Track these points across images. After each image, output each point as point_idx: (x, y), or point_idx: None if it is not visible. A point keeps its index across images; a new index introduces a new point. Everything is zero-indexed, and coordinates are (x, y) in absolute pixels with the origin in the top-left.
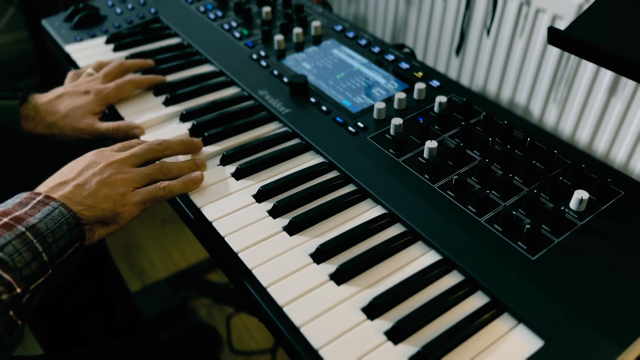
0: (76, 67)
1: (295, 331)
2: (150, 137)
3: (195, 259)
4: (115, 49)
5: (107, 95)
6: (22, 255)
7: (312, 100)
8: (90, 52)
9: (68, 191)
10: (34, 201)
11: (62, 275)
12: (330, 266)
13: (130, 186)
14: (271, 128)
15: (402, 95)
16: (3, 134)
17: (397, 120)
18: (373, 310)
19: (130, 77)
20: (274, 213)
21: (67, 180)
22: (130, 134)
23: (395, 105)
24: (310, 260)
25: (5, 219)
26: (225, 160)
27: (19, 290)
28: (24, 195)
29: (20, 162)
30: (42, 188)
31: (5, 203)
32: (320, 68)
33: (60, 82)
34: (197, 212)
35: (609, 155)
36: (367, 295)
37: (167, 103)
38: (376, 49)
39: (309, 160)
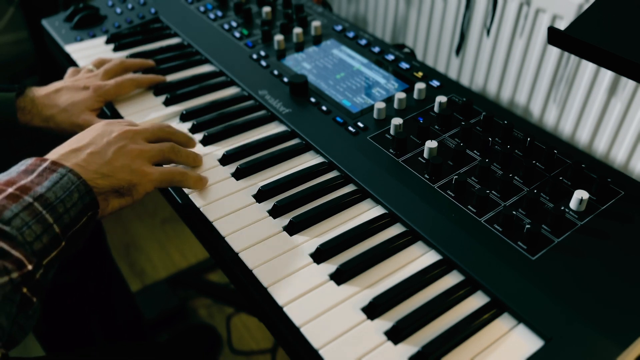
0: (76, 67)
1: (295, 331)
2: None
3: (195, 259)
4: (115, 49)
5: (106, 92)
6: (32, 228)
7: (312, 100)
8: (90, 52)
9: (82, 159)
10: (40, 168)
11: (77, 246)
12: (330, 266)
13: (146, 159)
14: (271, 128)
15: (402, 95)
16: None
17: (397, 120)
18: (373, 310)
19: (130, 75)
20: (274, 213)
21: (79, 147)
22: None
23: (395, 105)
24: (311, 260)
25: (10, 189)
26: (225, 160)
27: (30, 266)
28: (29, 162)
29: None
30: (52, 155)
31: (8, 171)
32: (320, 68)
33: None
34: (197, 212)
35: (609, 155)
36: (367, 295)
37: (167, 103)
38: (376, 49)
39: (309, 160)
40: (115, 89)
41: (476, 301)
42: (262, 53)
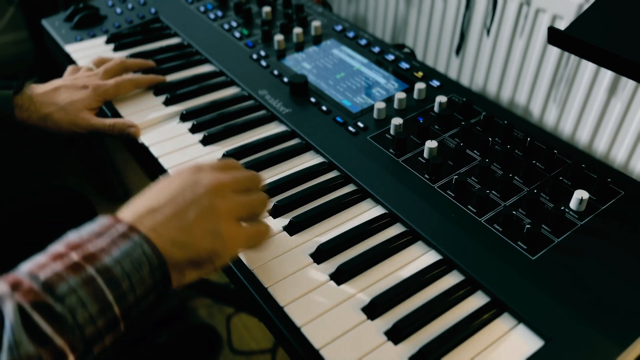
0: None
1: (295, 331)
2: (149, 137)
3: None
4: (116, 49)
5: (105, 92)
6: (87, 308)
7: (312, 100)
8: (90, 52)
9: (158, 222)
10: (114, 232)
11: (138, 329)
12: (330, 266)
13: (233, 218)
14: (271, 128)
15: (402, 95)
16: None
17: (397, 120)
18: (373, 310)
19: (130, 75)
20: (274, 213)
21: (157, 206)
22: (125, 132)
23: (395, 105)
24: (311, 260)
25: (75, 256)
26: None
27: (72, 357)
28: (104, 222)
29: (19, 161)
30: (128, 213)
31: (81, 228)
32: (320, 68)
33: None
34: None
35: (609, 155)
36: (367, 295)
37: (167, 103)
38: (376, 49)
39: (309, 160)
40: (114, 88)
41: (476, 301)
42: (262, 53)
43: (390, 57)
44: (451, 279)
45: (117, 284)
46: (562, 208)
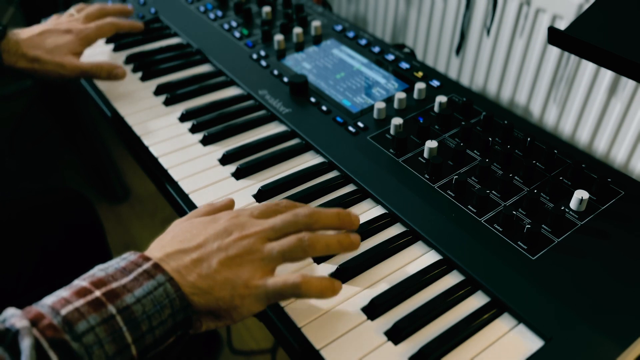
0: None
1: (296, 331)
2: (149, 137)
3: None
4: (115, 49)
5: (87, 36)
6: (104, 348)
7: (312, 100)
8: (90, 52)
9: (183, 265)
10: (139, 270)
11: None
12: (330, 266)
13: (258, 270)
14: (271, 128)
15: (402, 95)
16: None
17: (397, 120)
18: (373, 310)
19: (110, 19)
20: None
21: (187, 248)
22: (113, 74)
23: (396, 105)
24: (311, 260)
25: (97, 292)
26: (225, 160)
27: None
28: (131, 258)
29: (19, 161)
30: (156, 250)
31: (108, 263)
32: (320, 68)
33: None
34: None
35: (609, 155)
36: (368, 295)
37: (167, 103)
38: (376, 49)
39: (309, 160)
40: (96, 32)
41: (476, 301)
42: (262, 53)
43: (390, 57)
44: (451, 279)
45: (137, 325)
46: (562, 208)
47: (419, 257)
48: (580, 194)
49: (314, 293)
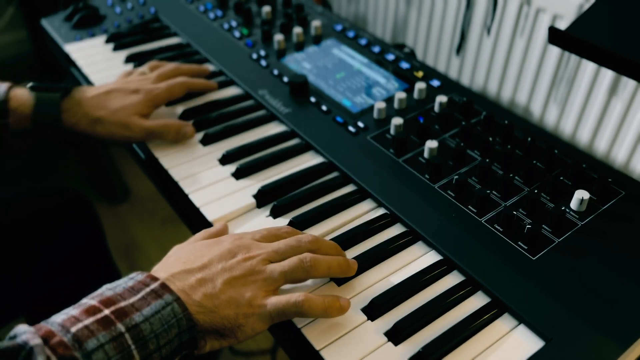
0: (75, 66)
1: (296, 332)
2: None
3: None
4: (115, 49)
5: (157, 96)
6: None
7: (312, 100)
8: (89, 52)
9: (189, 284)
10: (147, 289)
11: None
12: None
13: (261, 289)
14: (271, 128)
15: (403, 95)
16: (43, 128)
17: (397, 120)
18: (373, 310)
19: (181, 78)
20: (274, 213)
21: (192, 268)
22: (181, 133)
23: (396, 105)
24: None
25: (106, 311)
26: (225, 160)
27: None
28: (139, 278)
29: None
30: (162, 270)
31: (117, 283)
32: (320, 68)
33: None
34: (197, 212)
35: (610, 155)
36: (368, 295)
37: (166, 103)
38: (376, 49)
39: (309, 160)
40: (166, 92)
41: (477, 301)
42: (262, 53)
43: (391, 57)
44: (451, 280)
45: (145, 344)
46: (563, 208)
47: (419, 258)
48: (581, 194)
49: (318, 312)
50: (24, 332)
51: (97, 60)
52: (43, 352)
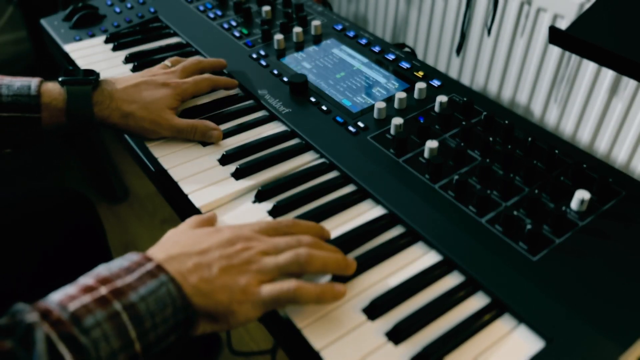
0: (75, 66)
1: (296, 332)
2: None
3: None
4: (115, 49)
5: (185, 90)
6: (110, 342)
7: (312, 99)
8: (89, 52)
9: (185, 267)
10: (143, 269)
11: None
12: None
13: (255, 279)
14: (271, 128)
15: (403, 94)
16: (77, 122)
17: (397, 120)
18: (374, 311)
19: (207, 75)
20: (274, 213)
21: (190, 252)
22: (207, 135)
23: (396, 105)
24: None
25: (103, 290)
26: (225, 160)
27: None
28: (134, 258)
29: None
30: (159, 252)
31: (111, 263)
32: (320, 67)
33: None
34: (197, 212)
35: (610, 155)
36: (368, 295)
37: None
38: (376, 49)
39: (309, 160)
40: (193, 87)
41: (477, 302)
42: (262, 52)
43: (391, 57)
44: (452, 280)
45: (141, 322)
46: (563, 208)
47: (419, 258)
48: (581, 194)
49: (311, 298)
50: (22, 310)
51: (97, 60)
52: (41, 328)
